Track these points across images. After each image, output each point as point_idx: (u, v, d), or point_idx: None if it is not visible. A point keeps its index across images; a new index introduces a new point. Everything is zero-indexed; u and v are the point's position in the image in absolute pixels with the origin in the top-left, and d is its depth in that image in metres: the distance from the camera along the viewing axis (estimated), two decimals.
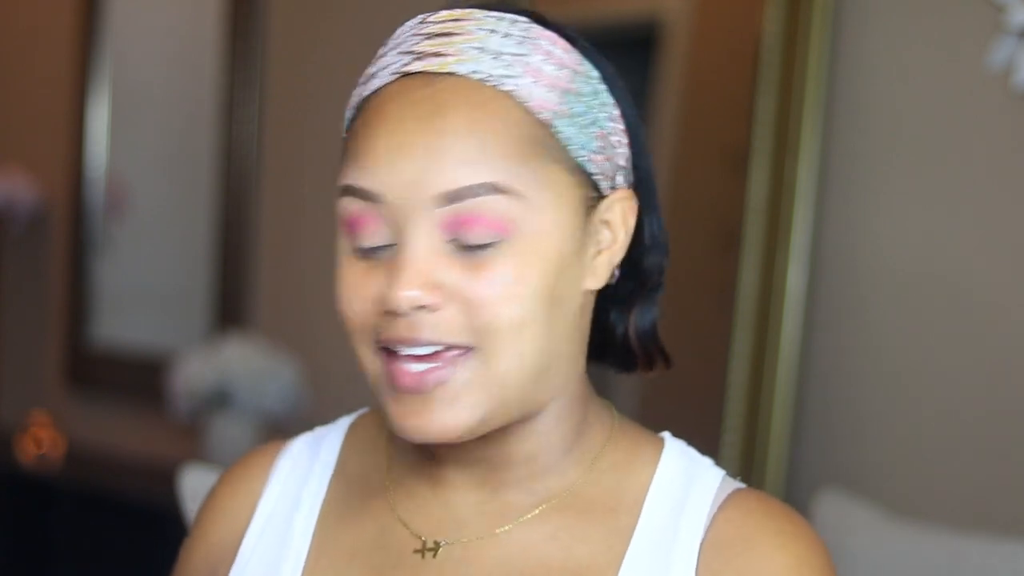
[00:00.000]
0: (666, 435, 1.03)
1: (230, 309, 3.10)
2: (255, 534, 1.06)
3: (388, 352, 0.92)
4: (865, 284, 2.06)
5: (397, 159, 0.91)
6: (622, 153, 0.98)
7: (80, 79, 3.46)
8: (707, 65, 2.35)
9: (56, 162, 3.53)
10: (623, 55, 1.02)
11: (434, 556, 0.98)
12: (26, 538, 3.17)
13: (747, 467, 2.08)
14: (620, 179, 0.98)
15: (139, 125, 3.41)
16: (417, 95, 0.92)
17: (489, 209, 0.90)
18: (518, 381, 0.92)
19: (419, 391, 0.91)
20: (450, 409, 0.91)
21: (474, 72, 0.92)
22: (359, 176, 0.92)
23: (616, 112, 0.98)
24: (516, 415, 0.95)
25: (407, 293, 0.89)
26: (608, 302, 1.02)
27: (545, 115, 0.93)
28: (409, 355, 0.91)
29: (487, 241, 0.90)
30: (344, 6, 2.87)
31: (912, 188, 2.03)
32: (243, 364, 2.74)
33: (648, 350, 1.04)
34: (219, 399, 2.76)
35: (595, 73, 0.97)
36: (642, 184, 1.01)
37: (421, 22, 0.96)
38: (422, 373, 0.91)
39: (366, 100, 0.95)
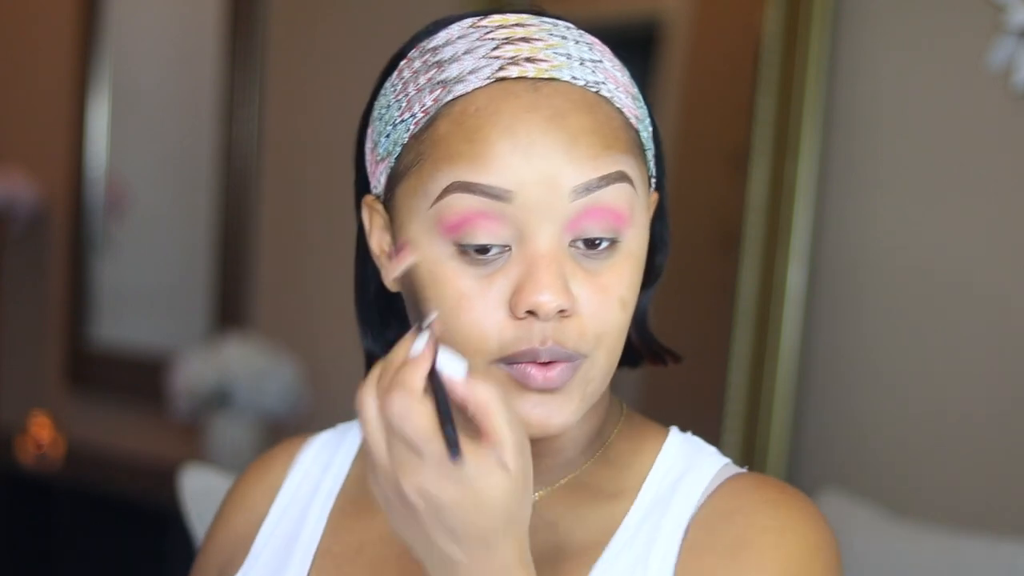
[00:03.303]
0: (673, 428, 1.04)
1: (230, 309, 3.10)
2: (271, 524, 1.07)
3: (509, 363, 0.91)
4: (865, 284, 2.06)
5: (531, 157, 0.90)
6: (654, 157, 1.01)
7: (80, 79, 3.46)
8: (707, 65, 2.34)
9: (56, 162, 3.53)
10: (623, 55, 1.03)
11: None
12: (26, 538, 3.17)
13: (747, 467, 2.08)
14: (653, 183, 1.01)
15: (139, 125, 3.41)
16: (525, 99, 0.91)
17: (617, 198, 0.91)
18: (602, 384, 0.95)
19: (549, 388, 0.91)
20: (565, 405, 0.92)
21: (574, 79, 0.93)
22: (480, 173, 0.90)
23: (650, 119, 1.00)
24: None
25: (548, 298, 0.89)
26: None
27: (633, 120, 0.95)
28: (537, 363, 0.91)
29: (604, 236, 0.91)
30: (344, 6, 2.87)
31: (912, 188, 2.03)
32: (243, 364, 2.74)
33: (649, 343, 1.05)
34: (219, 399, 2.76)
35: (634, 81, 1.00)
36: (660, 189, 1.02)
37: (473, 26, 0.95)
38: (552, 374, 0.91)
39: (449, 104, 0.92)
